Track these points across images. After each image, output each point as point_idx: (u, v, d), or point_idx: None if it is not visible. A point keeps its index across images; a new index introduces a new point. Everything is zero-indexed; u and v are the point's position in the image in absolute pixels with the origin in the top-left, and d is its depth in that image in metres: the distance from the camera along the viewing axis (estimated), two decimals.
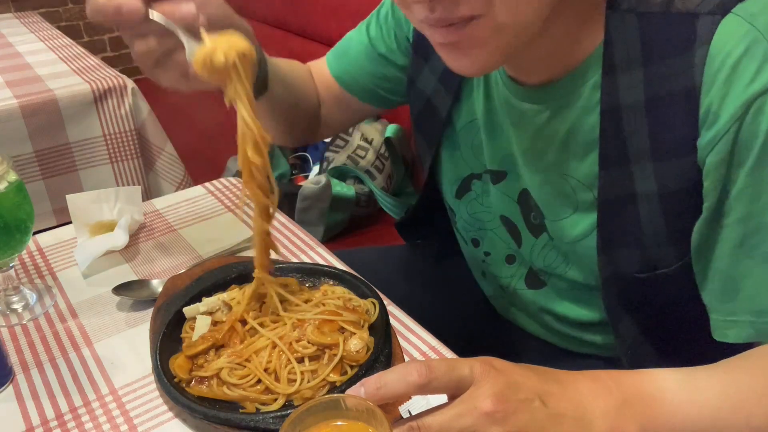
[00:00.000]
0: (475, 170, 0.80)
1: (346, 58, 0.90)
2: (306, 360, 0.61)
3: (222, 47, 0.56)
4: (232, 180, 1.06)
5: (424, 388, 0.47)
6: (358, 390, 0.47)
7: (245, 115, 0.59)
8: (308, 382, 0.59)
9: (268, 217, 0.64)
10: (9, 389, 0.64)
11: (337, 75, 0.90)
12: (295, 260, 0.82)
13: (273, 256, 0.68)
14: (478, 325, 0.92)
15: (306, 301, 0.68)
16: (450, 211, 0.87)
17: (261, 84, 0.77)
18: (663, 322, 0.69)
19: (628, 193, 0.62)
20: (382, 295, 0.70)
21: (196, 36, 0.59)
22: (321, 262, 0.82)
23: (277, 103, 0.83)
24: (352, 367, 0.62)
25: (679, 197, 0.59)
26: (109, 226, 0.88)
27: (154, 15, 0.59)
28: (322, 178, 1.56)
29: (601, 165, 0.63)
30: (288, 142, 0.97)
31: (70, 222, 0.89)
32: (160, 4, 0.61)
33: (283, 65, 0.86)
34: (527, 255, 0.78)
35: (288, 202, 1.55)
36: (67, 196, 0.87)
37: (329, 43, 0.99)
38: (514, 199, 0.76)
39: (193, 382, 0.62)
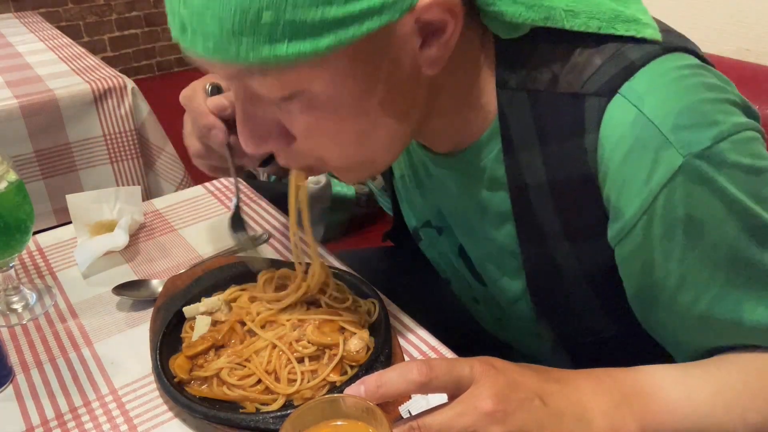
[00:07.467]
0: (421, 220, 0.80)
1: None
2: (306, 360, 0.61)
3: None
4: (232, 180, 1.06)
5: (425, 387, 0.47)
6: (358, 388, 0.46)
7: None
8: (308, 382, 0.60)
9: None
10: (9, 389, 0.64)
11: None
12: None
13: (274, 256, 0.67)
14: (477, 325, 0.92)
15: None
16: None
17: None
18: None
19: (552, 267, 0.60)
20: (382, 295, 0.70)
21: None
22: None
23: None
24: (352, 367, 0.62)
25: (604, 274, 0.58)
26: (109, 226, 0.88)
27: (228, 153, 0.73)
28: (323, 178, 1.56)
29: (520, 240, 0.61)
30: None
31: (70, 222, 0.89)
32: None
33: None
34: (482, 301, 0.78)
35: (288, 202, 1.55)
36: (67, 196, 0.87)
37: None
38: (455, 253, 0.76)
39: (192, 382, 0.62)
